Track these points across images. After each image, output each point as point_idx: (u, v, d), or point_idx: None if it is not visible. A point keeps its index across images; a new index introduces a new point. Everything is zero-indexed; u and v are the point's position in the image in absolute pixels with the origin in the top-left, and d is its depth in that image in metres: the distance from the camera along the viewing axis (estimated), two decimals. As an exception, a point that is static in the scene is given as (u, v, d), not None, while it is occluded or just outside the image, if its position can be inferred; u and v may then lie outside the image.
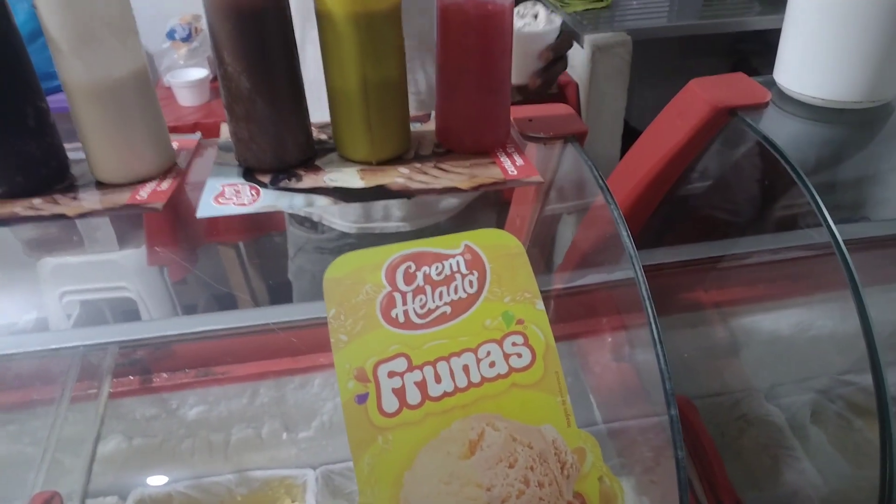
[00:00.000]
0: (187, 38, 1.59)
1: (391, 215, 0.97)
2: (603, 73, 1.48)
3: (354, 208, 0.95)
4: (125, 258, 1.54)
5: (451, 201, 0.99)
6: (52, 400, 0.69)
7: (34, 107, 0.47)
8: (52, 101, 0.48)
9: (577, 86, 1.54)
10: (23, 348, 0.67)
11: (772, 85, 0.62)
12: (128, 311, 1.68)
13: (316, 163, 0.52)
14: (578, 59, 1.52)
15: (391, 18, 0.47)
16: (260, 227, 1.27)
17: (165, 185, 0.48)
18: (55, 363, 0.72)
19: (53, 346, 0.71)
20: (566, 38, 0.75)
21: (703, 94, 0.57)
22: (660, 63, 2.01)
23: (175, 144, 0.54)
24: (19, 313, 0.84)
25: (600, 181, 0.49)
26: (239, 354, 0.79)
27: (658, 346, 0.42)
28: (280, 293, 1.24)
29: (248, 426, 0.78)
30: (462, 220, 1.03)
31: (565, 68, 0.78)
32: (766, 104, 0.57)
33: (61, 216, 0.45)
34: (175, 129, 1.50)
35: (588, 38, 1.47)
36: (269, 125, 0.48)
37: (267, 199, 0.47)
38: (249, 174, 0.50)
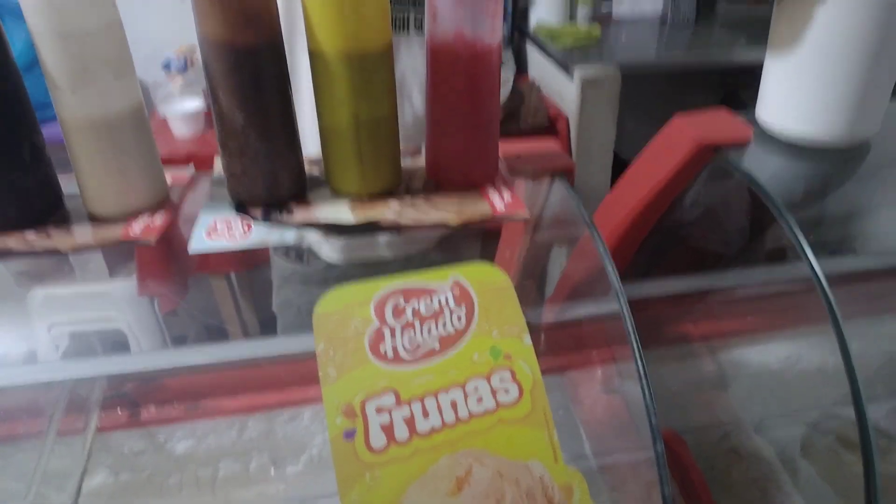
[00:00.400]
0: (183, 70, 1.61)
1: (377, 244, 0.98)
2: (592, 106, 1.51)
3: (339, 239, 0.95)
4: (116, 289, 1.54)
5: (435, 231, 0.99)
6: (39, 433, 0.69)
7: (30, 141, 0.48)
8: (47, 130, 0.49)
9: (567, 119, 1.57)
10: (10, 381, 0.67)
11: (755, 121, 0.63)
12: (117, 343, 1.66)
13: (307, 196, 0.53)
14: (568, 92, 1.55)
15: (383, 57, 0.48)
16: (251, 258, 1.27)
17: (158, 219, 0.49)
18: (43, 396, 0.71)
19: (41, 379, 0.70)
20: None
21: (687, 131, 0.58)
22: (649, 95, 2.05)
23: (169, 178, 0.54)
24: (8, 345, 0.84)
25: (586, 218, 0.50)
26: (227, 387, 0.79)
27: (643, 381, 0.43)
28: (270, 325, 1.23)
29: (236, 461, 0.77)
30: (446, 249, 1.04)
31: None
32: (748, 142, 0.59)
33: (54, 251, 0.46)
34: (169, 160, 1.51)
35: (578, 72, 1.50)
36: (262, 159, 0.49)
37: (259, 234, 0.47)
38: (242, 208, 0.51)
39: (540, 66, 1.76)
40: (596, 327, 0.69)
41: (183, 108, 1.54)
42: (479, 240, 1.00)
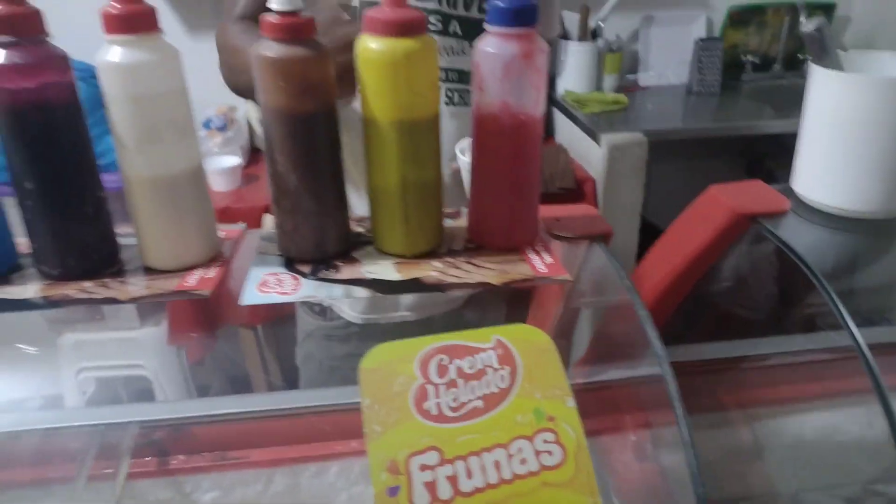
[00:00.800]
0: (223, 128, 1.67)
1: (398, 305, 0.99)
2: (620, 171, 1.54)
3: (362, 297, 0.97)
4: (144, 336, 1.56)
5: (455, 293, 1.01)
6: (69, 478, 0.69)
7: (93, 196, 0.50)
8: (105, 178, 0.51)
9: (594, 182, 1.59)
10: (42, 424, 0.68)
11: (790, 192, 0.64)
12: (142, 391, 1.67)
13: (353, 255, 0.54)
14: (595, 157, 1.58)
15: (431, 125, 0.50)
16: (278, 312, 1.28)
17: (212, 272, 0.51)
18: (73, 440, 0.72)
19: (74, 423, 0.71)
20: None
21: (724, 201, 0.59)
22: (675, 161, 2.08)
23: (221, 234, 0.56)
24: (37, 388, 0.85)
25: (627, 284, 0.50)
26: (255, 438, 0.79)
27: (690, 449, 0.43)
28: (294, 377, 1.23)
29: None
30: (466, 312, 1.05)
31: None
32: (785, 212, 0.60)
33: (113, 300, 0.47)
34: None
35: (605, 138, 1.54)
36: (313, 218, 0.51)
37: (307, 289, 0.49)
38: (290, 264, 0.52)
39: (566, 131, 1.81)
40: (629, 392, 0.69)
41: (221, 164, 1.60)
42: (502, 303, 1.01)
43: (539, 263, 0.53)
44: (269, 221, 0.58)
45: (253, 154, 1.80)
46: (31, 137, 0.47)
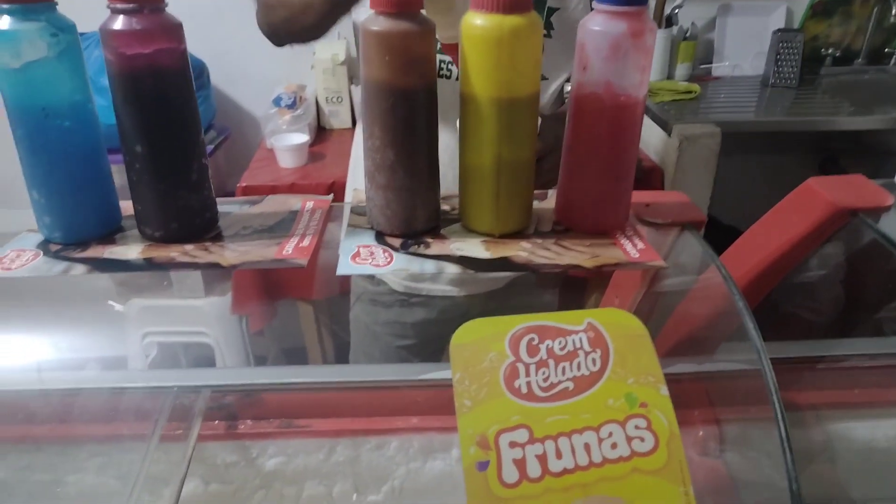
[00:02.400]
0: (292, 106, 1.70)
1: (439, 278, 0.99)
2: (690, 163, 1.50)
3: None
4: (209, 305, 1.61)
5: (497, 275, 1.00)
6: (143, 437, 0.72)
7: (198, 163, 0.52)
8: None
9: (661, 172, 1.56)
10: (118, 383, 0.71)
11: (893, 188, 0.61)
12: (202, 357, 1.73)
13: (441, 231, 0.55)
14: (665, 147, 1.55)
15: (530, 104, 0.50)
16: (337, 286, 1.30)
17: (307, 241, 0.52)
18: (148, 401, 0.75)
19: (151, 384, 0.74)
20: None
21: (824, 194, 0.57)
22: (744, 156, 2.01)
23: (310, 204, 0.57)
24: (103, 350, 0.89)
25: (724, 271, 0.49)
26: (320, 409, 0.80)
27: (785, 445, 0.42)
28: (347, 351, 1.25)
29: (321, 483, 0.78)
30: (507, 295, 1.04)
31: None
32: (888, 207, 0.57)
33: (215, 265, 0.49)
34: (273, 189, 1.58)
35: (676, 128, 1.50)
36: (406, 194, 0.52)
37: (400, 262, 0.49)
38: (380, 237, 0.53)
39: (634, 120, 1.77)
40: (698, 386, 0.68)
41: (290, 140, 1.63)
42: (547, 287, 1.00)
43: (631, 248, 0.52)
44: (354, 195, 0.59)
45: (318, 132, 1.83)
46: (144, 102, 0.48)
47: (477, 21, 0.47)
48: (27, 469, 0.70)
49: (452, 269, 0.49)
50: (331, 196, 0.60)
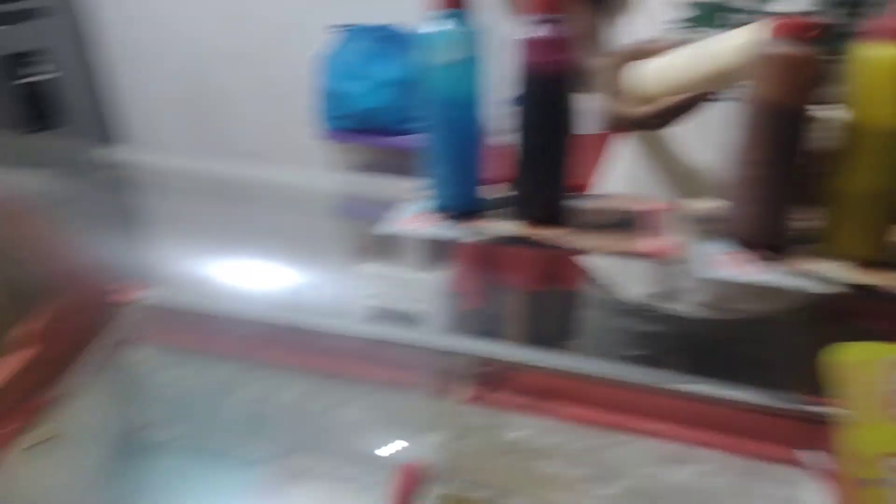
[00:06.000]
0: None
1: (672, 297, 0.96)
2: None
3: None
4: (430, 279, 1.74)
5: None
6: (410, 386, 0.79)
7: (572, 155, 0.59)
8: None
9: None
10: (396, 337, 0.79)
11: None
12: (411, 325, 1.86)
13: (795, 248, 0.56)
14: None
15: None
16: (557, 280, 1.32)
17: (660, 241, 0.58)
18: (421, 357, 0.82)
19: (424, 343, 0.82)
20: None
21: None
22: None
23: (650, 205, 0.62)
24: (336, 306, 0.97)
25: None
26: (573, 395, 0.82)
27: None
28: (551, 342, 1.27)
29: (563, 464, 0.81)
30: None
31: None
32: None
33: (574, 250, 0.56)
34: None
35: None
36: (773, 208, 0.54)
37: (774, 275, 0.52)
38: (742, 246, 0.56)
39: None
40: None
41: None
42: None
43: None
44: (700, 203, 0.62)
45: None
46: (545, 101, 0.55)
47: (881, 52, 0.48)
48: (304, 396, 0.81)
49: (818, 288, 0.51)
50: (668, 201, 0.64)
